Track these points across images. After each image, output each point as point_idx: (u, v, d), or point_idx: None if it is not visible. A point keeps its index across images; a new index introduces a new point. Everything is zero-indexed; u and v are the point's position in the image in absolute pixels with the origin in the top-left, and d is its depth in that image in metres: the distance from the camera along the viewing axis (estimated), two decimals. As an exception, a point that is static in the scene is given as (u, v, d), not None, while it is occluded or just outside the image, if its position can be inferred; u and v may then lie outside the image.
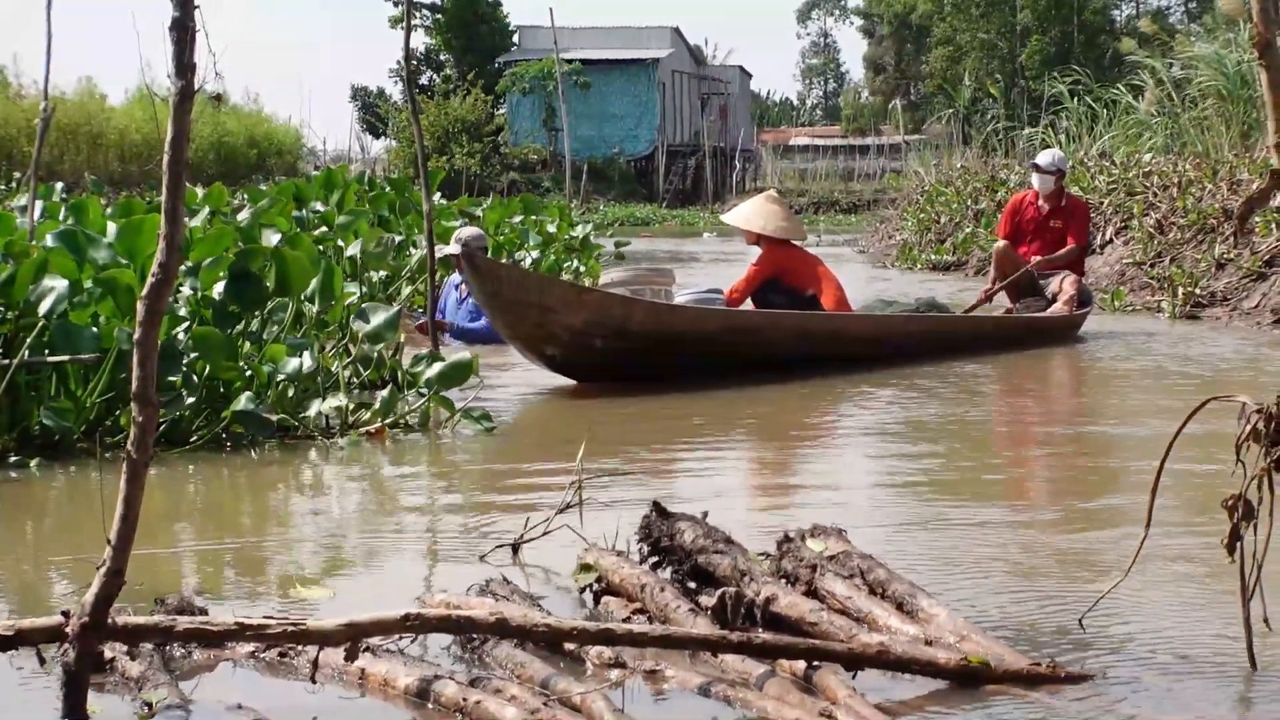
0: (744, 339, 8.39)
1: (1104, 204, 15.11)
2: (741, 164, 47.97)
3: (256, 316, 6.65)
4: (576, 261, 13.91)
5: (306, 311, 7.08)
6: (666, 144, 47.64)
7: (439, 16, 52.40)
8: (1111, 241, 14.72)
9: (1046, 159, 11.04)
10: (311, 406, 6.37)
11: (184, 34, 2.67)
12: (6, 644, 2.85)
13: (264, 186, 19.44)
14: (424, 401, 6.55)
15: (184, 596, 3.44)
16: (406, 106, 41.41)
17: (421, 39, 52.79)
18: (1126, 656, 3.20)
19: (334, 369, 6.89)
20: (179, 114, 2.70)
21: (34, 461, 5.65)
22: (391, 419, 6.44)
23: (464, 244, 8.92)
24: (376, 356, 7.32)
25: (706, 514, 3.67)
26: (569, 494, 4.19)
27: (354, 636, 2.84)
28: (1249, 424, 2.94)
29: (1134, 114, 20.01)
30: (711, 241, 29.05)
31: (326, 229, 10.38)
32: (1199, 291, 11.89)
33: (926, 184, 23.57)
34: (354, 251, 9.39)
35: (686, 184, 47.60)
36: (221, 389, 6.22)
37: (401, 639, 3.08)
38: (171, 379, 5.91)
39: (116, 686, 3.03)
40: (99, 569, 2.72)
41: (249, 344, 6.54)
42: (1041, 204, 10.94)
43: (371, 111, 51.38)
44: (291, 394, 6.42)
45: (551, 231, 15.15)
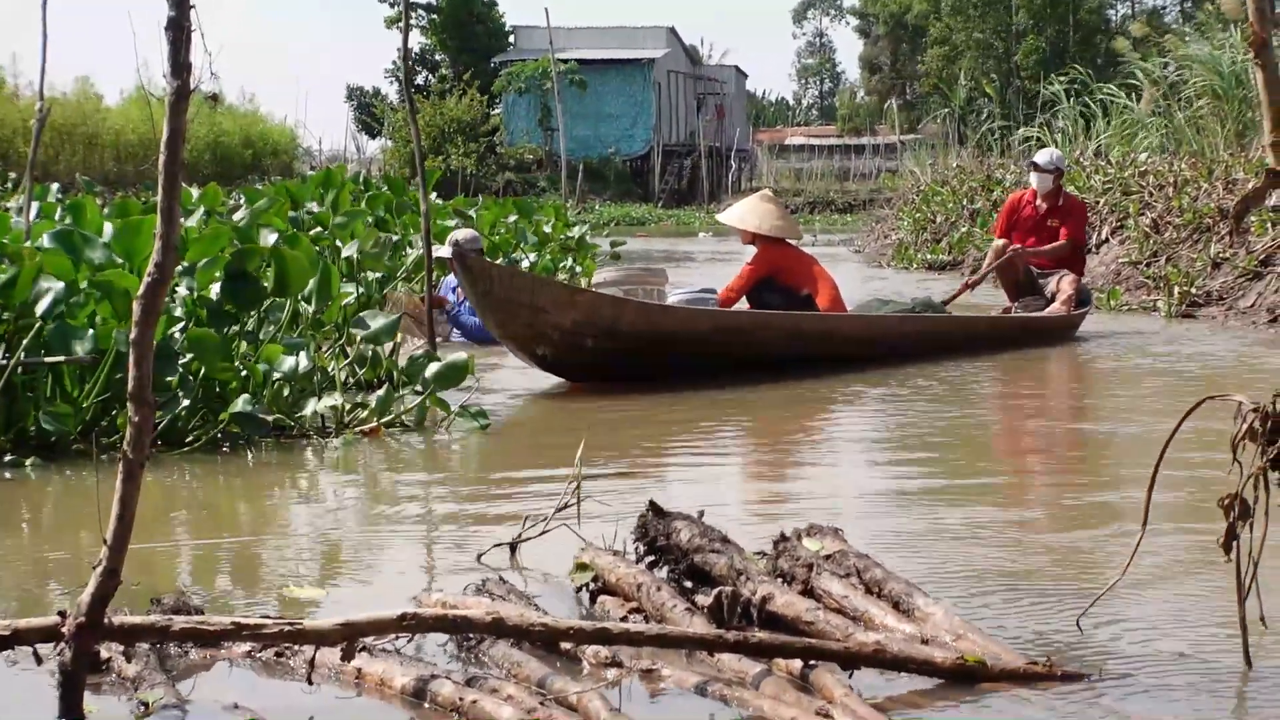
0: (736, 339, 8.39)
1: (1100, 203, 15.12)
2: (737, 164, 47.99)
3: (252, 316, 6.65)
4: (572, 261, 13.91)
5: (303, 311, 7.08)
6: (662, 144, 47.67)
7: (434, 16, 52.40)
8: (1107, 241, 14.74)
9: (1045, 158, 11.03)
10: (307, 406, 6.38)
11: (180, 34, 2.67)
12: (3, 644, 2.85)
13: (260, 186, 19.43)
14: (420, 401, 6.55)
15: (180, 596, 3.44)
16: (403, 106, 41.38)
17: (417, 39, 52.87)
18: (1122, 655, 3.20)
19: (330, 369, 6.90)
20: (175, 114, 2.69)
21: (30, 462, 5.65)
22: (388, 418, 6.45)
23: (456, 244, 8.92)
24: (372, 355, 7.33)
25: (703, 513, 3.67)
26: (566, 494, 4.18)
27: (350, 636, 2.84)
28: (1245, 423, 2.95)
29: (1129, 113, 20.02)
30: (707, 241, 29.09)
31: (322, 229, 10.36)
32: (1195, 291, 11.90)
33: (922, 184, 23.59)
34: (351, 252, 9.37)
35: (682, 184, 47.63)
36: (217, 389, 6.22)
37: (398, 638, 3.08)
38: (168, 379, 5.91)
39: (113, 686, 3.03)
40: (95, 569, 2.72)
41: (245, 344, 6.54)
42: (1039, 203, 10.94)
43: (367, 111, 51.38)
44: (287, 393, 6.43)
45: (547, 231, 15.15)
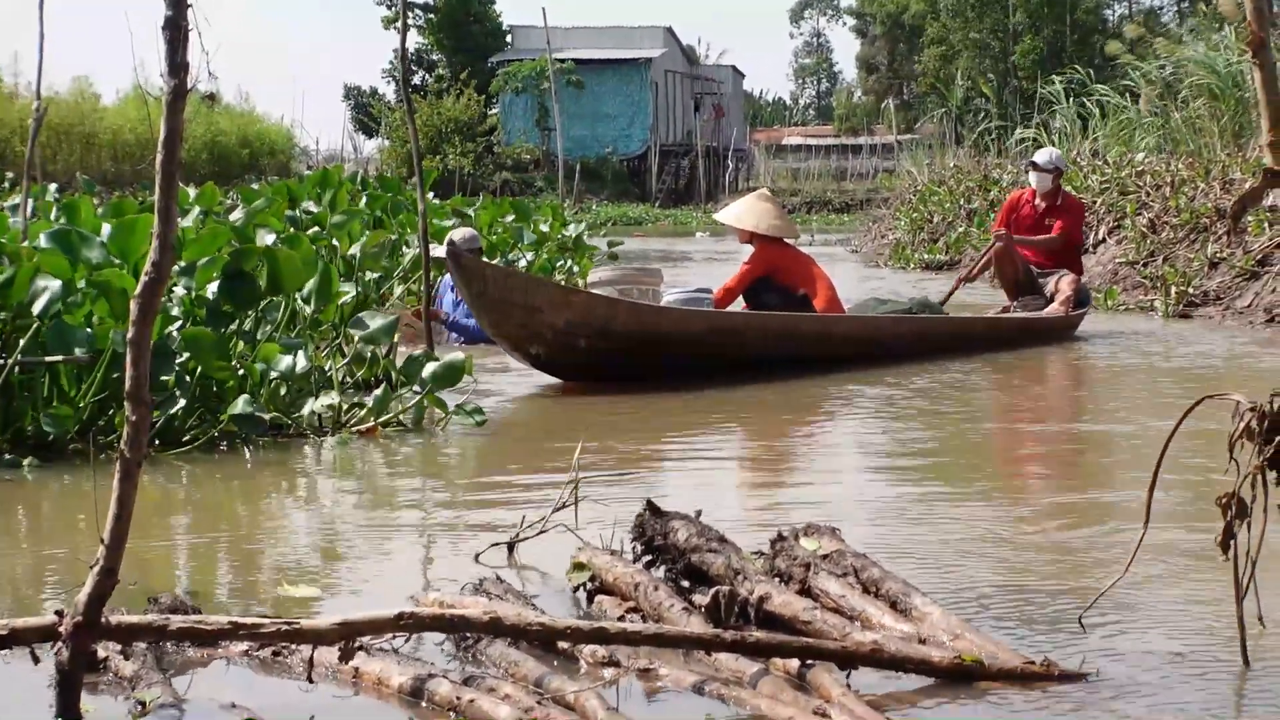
0: (729, 340, 8.37)
1: (1097, 203, 15.12)
2: (734, 164, 47.99)
3: (250, 316, 6.64)
4: (570, 261, 13.91)
5: (300, 311, 7.07)
6: (659, 144, 47.69)
7: (431, 16, 52.38)
8: (1105, 241, 14.74)
9: (1044, 157, 11.04)
10: (305, 405, 6.37)
11: (177, 33, 2.67)
12: (0, 643, 2.85)
13: (256, 186, 19.42)
14: (418, 401, 6.54)
15: (177, 595, 3.44)
16: (400, 106, 41.38)
17: (414, 39, 52.82)
18: (1120, 654, 3.20)
19: (327, 368, 6.89)
20: (172, 113, 2.69)
21: (27, 461, 5.64)
22: (385, 418, 6.44)
23: (451, 244, 8.90)
24: (370, 355, 7.32)
25: (700, 513, 3.67)
26: (564, 494, 4.18)
27: (348, 635, 2.84)
28: (1242, 422, 2.95)
29: (1126, 113, 20.03)
30: (704, 241, 29.11)
31: (319, 229, 10.36)
32: (1192, 291, 11.91)
33: (919, 183, 23.60)
34: (353, 251, 9.38)
35: (679, 184, 47.66)
36: (215, 389, 6.22)
37: (395, 638, 3.07)
38: (164, 378, 5.90)
39: (110, 686, 3.03)
40: (92, 568, 2.72)
41: (243, 343, 6.54)
42: (1038, 202, 10.94)
43: (364, 111, 51.36)
44: (285, 393, 6.42)
45: (545, 231, 15.15)
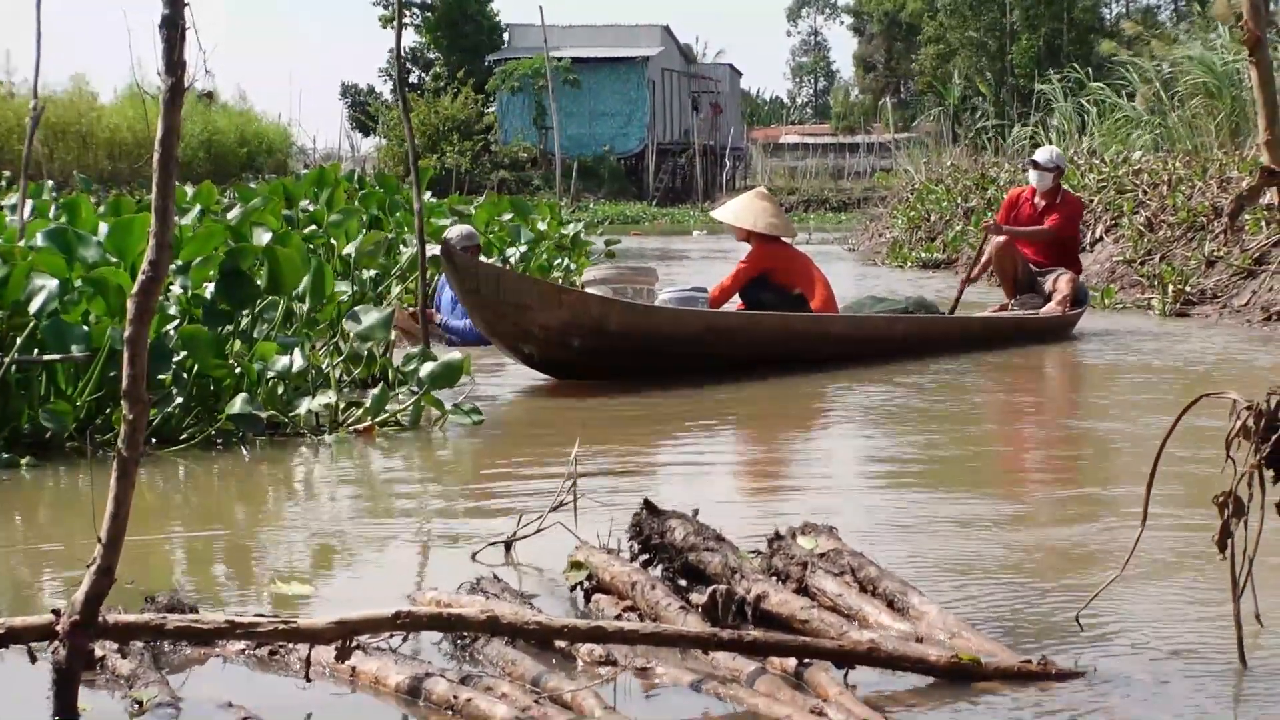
0: (723, 339, 8.37)
1: (1094, 202, 15.12)
2: (731, 162, 47.98)
3: (247, 315, 6.64)
4: (567, 260, 13.90)
5: (297, 310, 7.07)
6: (656, 142, 47.65)
7: (428, 15, 52.34)
8: (1102, 239, 14.74)
9: (1045, 155, 11.03)
10: (302, 404, 6.37)
11: (174, 32, 2.67)
12: (-2, 642, 2.85)
13: (254, 185, 19.41)
14: (415, 400, 6.54)
15: (174, 594, 3.43)
16: (397, 105, 41.36)
17: (411, 37, 52.74)
18: (1117, 653, 3.20)
19: (324, 367, 6.89)
20: (169, 111, 2.69)
21: (24, 460, 5.64)
22: (382, 417, 6.44)
23: (446, 241, 8.89)
24: (367, 354, 7.32)
25: (697, 512, 3.67)
26: (561, 492, 4.18)
27: (345, 634, 2.84)
28: (1239, 420, 2.95)
29: (1122, 112, 20.03)
30: (701, 239, 29.09)
31: (316, 227, 10.36)
32: (1189, 289, 11.91)
33: (916, 182, 23.59)
34: (350, 250, 9.38)
35: (676, 182, 47.62)
36: (212, 387, 6.21)
37: (393, 637, 3.07)
38: (161, 377, 5.90)
39: (107, 684, 3.03)
40: (89, 567, 2.72)
41: (240, 342, 6.54)
42: (1038, 200, 10.93)
43: (361, 109, 51.32)
44: (281, 392, 6.42)
45: (542, 229, 15.14)
